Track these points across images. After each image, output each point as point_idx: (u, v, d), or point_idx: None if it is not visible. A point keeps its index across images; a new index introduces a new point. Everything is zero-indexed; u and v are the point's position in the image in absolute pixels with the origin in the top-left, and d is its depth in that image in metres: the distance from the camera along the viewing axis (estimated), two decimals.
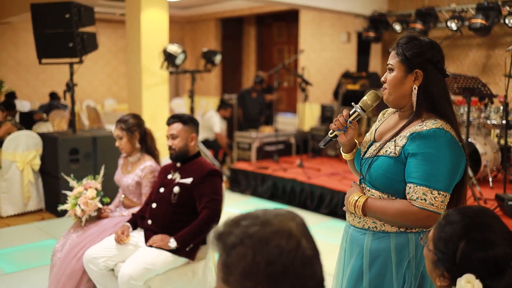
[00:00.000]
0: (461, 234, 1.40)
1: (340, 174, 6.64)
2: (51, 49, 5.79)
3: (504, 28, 7.29)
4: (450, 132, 1.81)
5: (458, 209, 1.48)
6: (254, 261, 0.93)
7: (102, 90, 12.72)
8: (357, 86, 8.11)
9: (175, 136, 3.21)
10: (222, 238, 0.99)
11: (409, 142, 1.82)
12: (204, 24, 13.18)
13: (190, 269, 3.14)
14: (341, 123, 1.99)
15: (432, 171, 1.76)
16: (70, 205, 3.39)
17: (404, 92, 1.90)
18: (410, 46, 1.88)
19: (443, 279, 1.43)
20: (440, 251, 1.42)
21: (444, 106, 1.88)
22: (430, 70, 1.87)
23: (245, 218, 0.99)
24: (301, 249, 0.95)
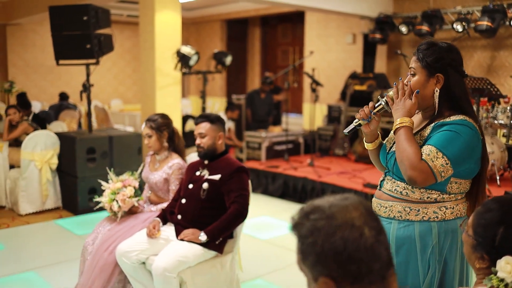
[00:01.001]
0: (499, 220, 1.54)
1: (349, 172, 6.78)
2: (69, 50, 5.93)
3: (509, 30, 7.45)
4: (471, 122, 1.97)
5: (495, 198, 1.63)
6: (323, 250, 1.07)
7: (109, 91, 12.85)
8: (364, 87, 8.26)
9: (204, 135, 3.34)
10: (296, 228, 1.14)
11: (433, 130, 1.98)
12: (209, 26, 13.32)
13: (218, 262, 3.28)
14: (366, 114, 2.14)
15: (446, 141, 1.91)
16: (108, 199, 3.52)
17: (426, 95, 2.05)
18: (430, 52, 2.02)
19: (482, 262, 1.58)
20: (480, 236, 1.57)
21: (465, 104, 2.03)
22: (450, 73, 2.02)
23: (314, 211, 1.12)
24: (364, 238, 1.08)
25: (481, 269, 1.61)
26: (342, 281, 1.07)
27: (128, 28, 12.79)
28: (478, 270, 1.62)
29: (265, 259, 4.64)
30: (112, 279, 3.38)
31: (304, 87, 10.94)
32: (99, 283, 3.34)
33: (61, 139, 6.14)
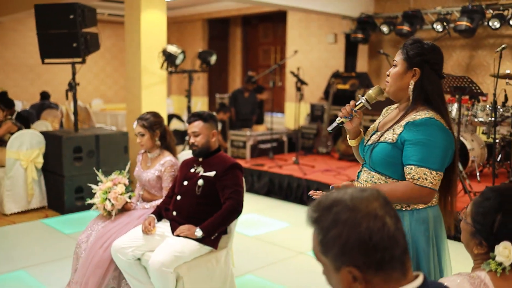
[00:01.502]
0: (497, 208, 1.64)
1: (334, 170, 6.89)
2: (54, 49, 5.91)
3: (487, 30, 7.64)
4: (439, 121, 2.09)
5: (491, 187, 1.73)
6: (348, 241, 1.12)
7: (89, 90, 12.78)
8: (347, 86, 8.39)
9: (197, 133, 3.40)
10: (317, 221, 1.18)
11: (405, 130, 2.10)
12: (191, 25, 13.33)
13: (213, 257, 3.34)
14: (347, 112, 2.26)
15: (428, 154, 2.03)
16: (100, 199, 3.55)
17: (402, 86, 2.18)
18: (413, 47, 2.16)
19: (480, 248, 1.68)
20: (479, 223, 1.67)
21: (436, 100, 2.15)
22: (427, 70, 2.14)
23: (335, 204, 1.17)
24: (386, 226, 1.14)
25: (479, 255, 1.70)
26: (367, 269, 1.12)
27: (109, 27, 12.74)
28: (476, 256, 1.71)
29: (254, 255, 4.70)
30: (107, 276, 3.41)
31: (287, 87, 11.04)
32: (94, 280, 3.37)
33: (46, 138, 6.12)
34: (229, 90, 12.98)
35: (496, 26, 7.04)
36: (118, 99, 13.50)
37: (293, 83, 10.23)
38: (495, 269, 1.62)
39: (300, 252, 4.79)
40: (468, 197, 5.24)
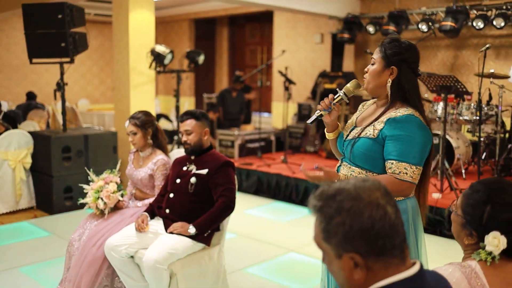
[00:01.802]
0: (486, 200, 1.71)
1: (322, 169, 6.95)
2: (43, 49, 5.89)
3: (471, 30, 7.77)
4: (419, 117, 2.18)
5: (480, 180, 1.80)
6: (352, 229, 1.17)
7: (76, 90, 12.71)
8: (334, 85, 8.46)
9: (190, 131, 3.43)
10: (321, 209, 1.22)
11: (386, 126, 2.17)
12: (177, 25, 13.33)
13: (206, 254, 3.37)
14: (326, 105, 2.33)
15: (408, 150, 2.12)
16: (92, 198, 3.56)
17: (380, 83, 2.25)
18: (391, 46, 2.23)
19: (470, 238, 1.74)
20: (469, 215, 1.73)
21: (414, 98, 2.24)
22: (404, 69, 2.22)
23: (339, 193, 1.21)
24: (388, 215, 1.19)
25: (469, 245, 1.77)
26: (368, 255, 1.17)
27: (95, 27, 12.69)
28: (467, 246, 1.78)
29: (245, 253, 4.75)
30: (100, 274, 3.42)
31: (274, 86, 11.10)
32: (87, 278, 3.38)
33: (35, 138, 6.10)
34: (216, 90, 13.00)
35: (480, 27, 7.16)
36: (104, 100, 13.44)
37: (280, 83, 10.30)
38: (485, 258, 1.69)
39: (290, 249, 4.84)
40: (454, 194, 5.34)
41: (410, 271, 1.20)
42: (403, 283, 1.17)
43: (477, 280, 1.70)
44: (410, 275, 1.19)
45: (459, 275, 1.71)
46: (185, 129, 3.44)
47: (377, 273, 1.18)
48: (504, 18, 6.91)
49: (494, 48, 7.65)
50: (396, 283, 1.17)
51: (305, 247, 4.87)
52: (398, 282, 1.17)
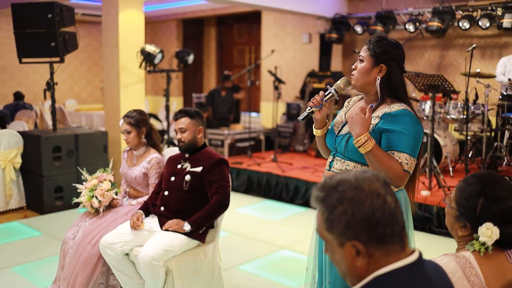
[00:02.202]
0: (479, 192, 1.78)
1: (311, 167, 7.03)
2: (32, 48, 5.88)
3: (457, 31, 7.89)
4: (412, 112, 2.26)
5: (472, 174, 1.86)
6: (353, 217, 1.22)
7: (63, 91, 12.65)
8: (322, 85, 8.54)
9: (184, 129, 3.46)
10: (324, 200, 1.27)
11: (382, 121, 2.24)
12: (165, 25, 13.33)
13: (201, 251, 3.41)
14: (318, 101, 2.38)
15: (407, 142, 2.19)
16: (87, 197, 3.58)
17: (369, 80, 2.31)
18: (379, 44, 2.29)
19: (464, 230, 1.81)
20: (462, 207, 1.80)
21: (402, 94, 2.32)
22: (392, 66, 2.29)
23: (340, 184, 1.27)
24: (387, 204, 1.24)
25: (463, 237, 1.83)
26: (369, 243, 1.22)
27: (83, 27, 12.63)
28: (460, 238, 1.84)
29: (238, 250, 4.79)
30: (95, 272, 3.44)
31: (262, 86, 11.14)
32: (82, 276, 3.40)
33: (25, 138, 6.08)
34: (204, 90, 13.01)
35: (466, 27, 7.29)
36: (92, 100, 13.39)
37: (269, 83, 10.36)
38: (479, 249, 1.75)
39: (282, 246, 4.89)
40: (442, 191, 5.43)
41: (410, 258, 1.25)
42: (404, 270, 1.22)
43: (471, 270, 1.76)
44: (411, 262, 1.24)
45: (454, 265, 1.77)
46: (180, 127, 3.47)
47: (378, 260, 1.23)
48: (489, 18, 7.04)
49: (479, 48, 7.77)
50: (397, 270, 1.22)
51: (296, 244, 4.93)
52: (398, 269, 1.22)
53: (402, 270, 1.23)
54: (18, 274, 4.15)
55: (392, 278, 1.22)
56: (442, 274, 1.41)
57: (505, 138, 6.42)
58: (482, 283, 1.75)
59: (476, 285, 1.74)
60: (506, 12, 6.77)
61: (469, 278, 1.75)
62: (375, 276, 1.23)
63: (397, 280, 1.21)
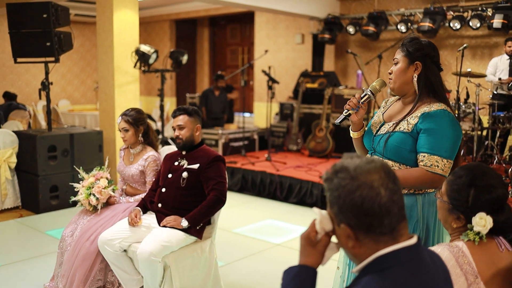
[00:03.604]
0: (469, 184, 1.85)
1: (305, 166, 7.09)
2: (28, 48, 5.90)
3: (448, 31, 8.00)
4: (451, 113, 2.27)
5: (461, 167, 1.94)
6: (344, 203, 1.32)
7: (56, 91, 12.64)
8: (315, 85, 8.61)
9: (182, 126, 3.51)
10: (327, 181, 1.37)
11: (420, 120, 2.26)
12: (158, 25, 13.35)
13: (198, 247, 3.46)
14: (354, 104, 2.41)
15: (440, 143, 2.20)
16: (84, 195, 3.62)
17: (406, 80, 2.33)
18: (412, 43, 2.33)
19: (458, 221, 1.87)
20: (455, 199, 1.87)
21: (441, 91, 2.33)
22: (428, 63, 2.31)
23: (341, 171, 1.35)
24: (379, 196, 1.30)
25: (457, 229, 1.90)
26: (358, 229, 1.32)
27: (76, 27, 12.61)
28: (454, 230, 1.91)
29: (235, 247, 4.84)
30: (94, 268, 3.48)
31: (255, 87, 11.20)
32: (81, 272, 3.44)
33: (20, 137, 6.10)
34: (197, 91, 13.05)
35: (457, 27, 7.39)
36: (85, 100, 13.39)
37: (262, 83, 10.43)
38: (474, 238, 1.82)
39: (277, 244, 4.95)
40: None
41: (410, 241, 1.32)
42: (403, 251, 1.30)
43: (464, 259, 1.83)
44: (410, 244, 1.31)
45: (447, 254, 1.83)
46: (178, 124, 3.52)
47: (368, 246, 1.32)
48: (480, 19, 7.14)
49: (470, 48, 7.88)
50: (398, 251, 1.29)
51: (291, 242, 4.99)
52: (399, 249, 1.29)
53: (402, 251, 1.31)
54: (15, 272, 4.17)
55: (393, 258, 1.29)
56: (438, 259, 1.47)
57: (496, 136, 6.51)
58: (475, 271, 1.81)
59: (469, 273, 1.81)
60: (496, 13, 6.87)
61: (462, 267, 1.82)
62: (376, 256, 1.31)
63: (398, 260, 1.29)
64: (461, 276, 1.80)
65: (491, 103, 6.34)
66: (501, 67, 6.74)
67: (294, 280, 1.42)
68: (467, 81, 6.43)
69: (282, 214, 6.06)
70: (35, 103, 11.65)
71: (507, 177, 5.71)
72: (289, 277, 1.44)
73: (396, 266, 1.29)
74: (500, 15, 6.81)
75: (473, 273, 1.80)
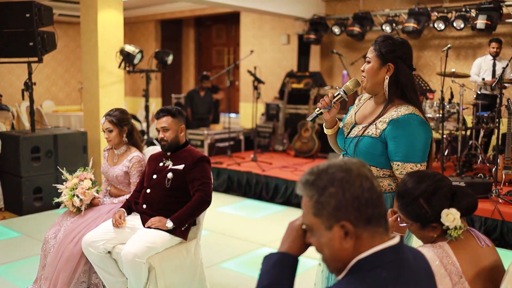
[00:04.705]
0: (415, 197, 1.89)
1: (291, 166, 7.09)
2: (10, 48, 5.83)
3: (432, 31, 8.05)
4: (419, 115, 2.26)
5: (397, 193, 1.98)
6: (344, 197, 1.26)
7: (40, 92, 12.50)
8: (301, 85, 8.62)
9: (167, 128, 3.48)
10: (314, 182, 1.30)
11: (388, 127, 2.26)
12: (144, 26, 13.28)
13: (184, 248, 3.43)
14: (326, 103, 2.40)
15: (412, 150, 2.21)
16: (68, 196, 3.57)
17: (378, 80, 2.33)
18: (385, 44, 2.31)
19: (435, 230, 1.91)
20: (417, 216, 1.91)
21: (411, 93, 2.32)
22: (400, 64, 2.30)
23: (330, 167, 1.31)
24: (374, 187, 1.30)
25: (438, 237, 1.92)
26: (358, 223, 1.27)
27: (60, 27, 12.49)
28: (437, 238, 1.93)
29: (220, 248, 4.82)
30: (77, 270, 3.44)
31: (241, 87, 11.19)
32: (64, 274, 3.40)
33: (2, 138, 6.03)
34: (183, 91, 12.99)
35: (441, 28, 7.44)
36: (70, 101, 13.27)
37: (248, 84, 10.41)
38: (456, 234, 1.85)
39: (262, 244, 4.94)
40: None
41: (392, 241, 1.31)
42: (385, 252, 1.28)
43: (448, 259, 1.84)
44: (392, 244, 1.30)
45: (432, 255, 1.84)
46: (162, 126, 3.49)
47: (364, 242, 1.28)
48: (464, 20, 7.20)
49: (454, 48, 7.94)
50: (379, 252, 1.27)
51: (277, 242, 4.98)
52: (380, 251, 1.28)
53: (384, 253, 1.28)
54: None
55: (374, 260, 1.27)
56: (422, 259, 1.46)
57: (480, 136, 6.57)
58: (459, 271, 1.82)
59: (453, 273, 1.82)
60: (480, 14, 6.93)
61: (446, 267, 1.83)
62: (357, 260, 1.28)
63: (379, 262, 1.27)
64: (446, 277, 1.81)
65: (475, 103, 6.40)
66: (484, 68, 6.80)
67: (274, 267, 1.38)
68: (451, 81, 6.48)
69: (268, 215, 6.05)
70: (19, 104, 11.51)
71: (491, 176, 5.76)
72: (269, 263, 1.40)
73: (378, 268, 1.26)
74: (484, 16, 6.87)
75: (458, 273, 1.81)
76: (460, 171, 6.11)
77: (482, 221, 5.00)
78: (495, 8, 6.86)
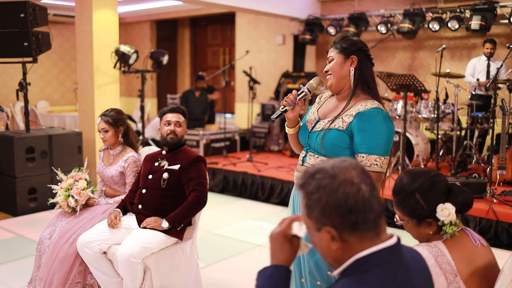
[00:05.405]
0: (411, 192, 1.91)
1: (286, 166, 7.10)
2: (5, 48, 5.80)
3: (427, 32, 8.08)
4: (384, 110, 2.31)
5: (393, 189, 2.00)
6: (327, 204, 1.27)
7: (35, 92, 12.46)
8: (296, 85, 8.63)
9: (181, 124, 3.52)
10: (303, 187, 1.33)
11: (355, 120, 2.29)
12: (139, 26, 13.26)
13: (179, 248, 3.43)
14: (291, 100, 2.42)
15: (376, 142, 2.25)
16: (63, 197, 3.56)
17: (344, 73, 2.37)
18: (344, 40, 2.38)
19: (431, 226, 1.91)
20: (413, 212, 1.92)
21: (373, 86, 2.39)
22: (362, 57, 2.36)
23: (318, 172, 1.32)
24: (361, 193, 1.29)
25: (434, 233, 1.93)
26: (342, 229, 1.28)
27: (55, 27, 12.47)
28: (432, 235, 1.94)
29: (216, 249, 4.82)
30: (72, 271, 3.43)
31: (236, 88, 11.18)
32: (59, 275, 3.39)
33: None
34: (178, 92, 12.98)
35: (436, 28, 7.46)
36: (65, 101, 13.23)
37: (243, 84, 10.41)
38: (452, 230, 1.86)
39: (258, 244, 4.94)
40: None
41: (389, 242, 1.30)
42: (383, 252, 1.28)
43: (443, 258, 1.84)
44: (390, 245, 1.30)
45: (427, 254, 1.85)
46: (177, 120, 3.51)
47: (352, 246, 1.29)
48: (458, 20, 7.22)
49: (449, 49, 7.97)
50: (376, 252, 1.28)
51: None
52: (378, 251, 1.28)
53: (381, 253, 1.28)
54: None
55: (372, 260, 1.27)
56: (419, 259, 1.47)
57: (475, 136, 6.60)
58: (454, 270, 1.83)
59: (448, 272, 1.82)
60: (474, 14, 6.96)
61: (441, 266, 1.83)
62: (355, 259, 1.28)
63: (377, 262, 1.27)
64: (441, 276, 1.81)
65: (470, 104, 6.42)
66: (479, 68, 6.83)
67: (269, 280, 1.41)
68: (446, 82, 6.51)
69: (263, 215, 6.06)
70: (13, 104, 11.47)
71: (486, 176, 5.78)
72: (264, 277, 1.43)
73: (375, 268, 1.27)
74: (478, 17, 6.90)
75: (453, 272, 1.82)
76: (455, 171, 6.14)
77: (476, 221, 5.02)
78: (490, 9, 6.89)
